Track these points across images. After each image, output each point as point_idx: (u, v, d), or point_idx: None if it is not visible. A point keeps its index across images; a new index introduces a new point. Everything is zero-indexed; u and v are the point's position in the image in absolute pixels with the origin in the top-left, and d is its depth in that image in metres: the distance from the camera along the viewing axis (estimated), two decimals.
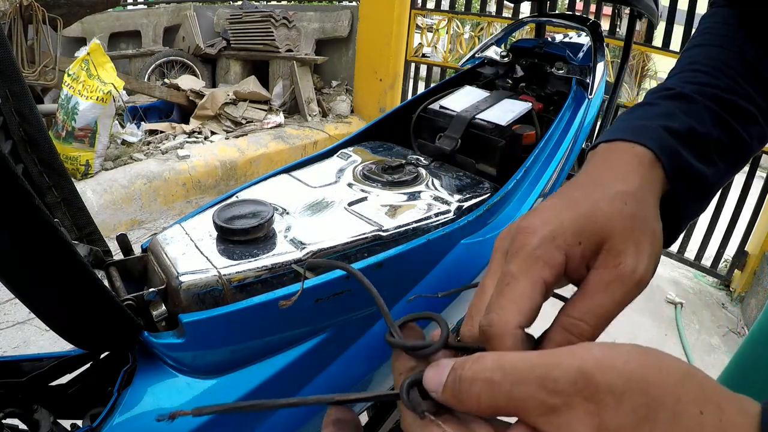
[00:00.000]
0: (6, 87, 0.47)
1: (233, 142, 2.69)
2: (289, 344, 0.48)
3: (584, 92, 0.88)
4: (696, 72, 0.40)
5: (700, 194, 0.37)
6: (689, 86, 0.39)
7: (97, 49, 2.12)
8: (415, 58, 3.14)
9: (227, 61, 3.57)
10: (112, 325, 0.41)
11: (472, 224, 0.62)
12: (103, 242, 0.56)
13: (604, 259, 0.29)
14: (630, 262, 0.29)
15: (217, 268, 0.47)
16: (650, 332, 1.89)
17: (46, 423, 0.44)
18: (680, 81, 0.40)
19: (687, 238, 2.39)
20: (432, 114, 0.88)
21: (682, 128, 0.35)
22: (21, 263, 0.34)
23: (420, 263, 0.58)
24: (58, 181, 0.52)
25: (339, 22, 3.57)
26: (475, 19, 3.25)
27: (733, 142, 0.38)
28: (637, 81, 2.81)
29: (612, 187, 0.31)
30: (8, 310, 1.56)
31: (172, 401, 0.43)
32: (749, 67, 0.40)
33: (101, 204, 2.02)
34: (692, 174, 0.35)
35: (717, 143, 0.37)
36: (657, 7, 0.88)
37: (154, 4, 4.41)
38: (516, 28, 1.10)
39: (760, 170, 2.27)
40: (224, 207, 0.54)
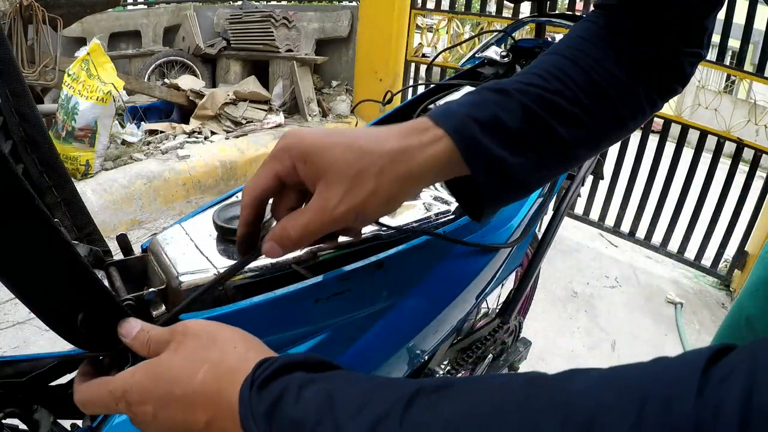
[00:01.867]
0: (6, 87, 0.47)
1: (233, 142, 2.69)
2: (288, 345, 0.48)
3: None
4: (532, 75, 0.43)
5: (503, 181, 0.40)
6: (516, 84, 0.41)
7: (97, 49, 2.12)
8: (415, 58, 3.14)
9: (227, 61, 3.57)
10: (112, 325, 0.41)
11: (472, 224, 0.62)
12: (103, 242, 0.56)
13: (320, 188, 0.35)
14: (333, 200, 0.35)
15: (217, 268, 0.47)
16: (650, 332, 1.89)
17: (46, 423, 0.44)
18: (512, 80, 0.42)
19: (687, 238, 2.39)
20: None
21: (486, 117, 0.38)
22: (21, 263, 0.34)
23: (420, 263, 0.58)
24: (58, 181, 0.52)
25: (339, 22, 3.57)
26: (475, 19, 3.25)
27: (545, 138, 0.41)
28: None
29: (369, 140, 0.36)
30: (8, 310, 1.57)
31: None
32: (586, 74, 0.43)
33: (101, 204, 2.02)
34: (491, 158, 0.38)
35: (522, 135, 0.40)
36: None
37: (154, 4, 4.42)
38: (516, 28, 1.10)
39: (760, 170, 2.27)
40: (224, 207, 0.54)
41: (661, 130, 2.37)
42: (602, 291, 2.15)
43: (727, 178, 2.22)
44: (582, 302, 2.03)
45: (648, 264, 2.47)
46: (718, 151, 2.21)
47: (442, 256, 0.60)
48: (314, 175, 0.35)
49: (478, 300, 0.71)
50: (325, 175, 0.35)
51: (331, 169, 0.35)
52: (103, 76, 2.09)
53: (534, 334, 1.71)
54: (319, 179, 0.35)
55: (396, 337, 0.57)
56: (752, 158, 2.17)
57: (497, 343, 1.04)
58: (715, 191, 2.25)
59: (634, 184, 2.50)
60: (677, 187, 2.36)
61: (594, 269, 2.33)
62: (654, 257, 2.53)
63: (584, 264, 2.37)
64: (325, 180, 0.35)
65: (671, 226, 2.42)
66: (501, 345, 1.08)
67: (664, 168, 2.39)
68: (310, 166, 0.35)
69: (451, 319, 0.66)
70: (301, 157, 0.35)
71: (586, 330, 1.85)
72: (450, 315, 0.64)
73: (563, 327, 1.85)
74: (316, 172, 0.35)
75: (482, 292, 0.71)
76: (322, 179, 0.35)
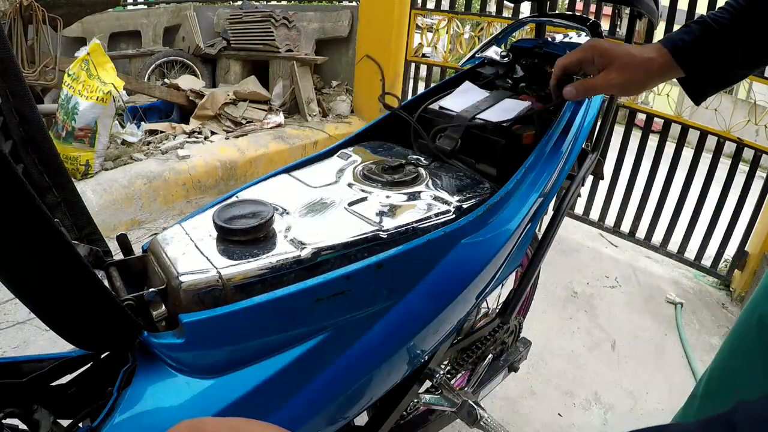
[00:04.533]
0: (6, 87, 0.47)
1: (233, 142, 2.69)
2: (289, 344, 0.48)
3: None
4: None
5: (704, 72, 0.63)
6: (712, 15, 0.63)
7: (97, 49, 2.12)
8: (415, 58, 3.14)
9: (227, 61, 3.57)
10: (112, 325, 0.41)
11: (472, 224, 0.62)
12: (103, 242, 0.56)
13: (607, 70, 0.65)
14: (612, 76, 0.64)
15: (217, 268, 0.47)
16: (650, 332, 1.89)
17: (46, 423, 0.44)
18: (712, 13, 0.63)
19: (687, 238, 2.39)
20: (432, 114, 0.88)
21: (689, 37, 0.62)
22: (21, 263, 0.34)
23: (420, 263, 0.58)
24: (58, 181, 0.52)
25: (339, 22, 3.57)
26: (475, 19, 3.25)
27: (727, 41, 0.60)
28: None
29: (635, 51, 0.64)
30: (8, 310, 1.56)
31: (172, 401, 0.43)
32: None
33: (101, 204, 2.02)
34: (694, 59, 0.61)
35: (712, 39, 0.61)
36: (657, 7, 0.88)
37: (154, 4, 4.42)
38: (516, 28, 1.10)
39: (760, 170, 2.27)
40: (224, 207, 0.54)
41: (661, 130, 2.37)
42: (602, 291, 2.15)
43: (727, 178, 2.22)
44: (582, 302, 2.03)
45: (648, 264, 2.47)
46: (718, 151, 2.21)
47: (442, 256, 0.60)
48: (604, 62, 0.64)
49: (478, 300, 0.71)
50: (610, 64, 0.63)
51: (615, 61, 0.63)
52: (103, 76, 2.09)
53: (534, 334, 1.71)
54: (606, 66, 0.64)
55: (396, 337, 0.57)
56: (752, 158, 2.17)
57: (497, 343, 1.04)
58: (715, 191, 2.25)
59: (634, 184, 2.50)
60: (677, 187, 2.36)
61: (594, 269, 2.33)
62: (654, 257, 2.53)
63: (584, 264, 2.36)
64: (609, 67, 0.64)
65: (671, 226, 2.42)
66: (501, 345, 1.08)
67: (664, 168, 2.39)
68: (605, 57, 0.64)
69: (451, 319, 0.66)
70: (599, 52, 0.64)
71: (586, 330, 1.85)
72: (450, 315, 0.64)
73: (563, 327, 1.84)
74: (607, 61, 0.64)
75: (482, 292, 0.71)
76: (608, 66, 0.64)
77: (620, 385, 1.58)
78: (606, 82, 0.64)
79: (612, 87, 0.65)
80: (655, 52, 0.63)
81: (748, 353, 0.67)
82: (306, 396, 0.50)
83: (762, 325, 0.65)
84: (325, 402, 0.52)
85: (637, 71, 0.63)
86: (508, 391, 1.46)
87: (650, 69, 0.63)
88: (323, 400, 0.52)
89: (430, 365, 0.77)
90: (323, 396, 0.52)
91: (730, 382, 0.71)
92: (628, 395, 1.54)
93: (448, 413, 0.93)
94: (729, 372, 0.71)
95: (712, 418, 0.23)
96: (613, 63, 0.63)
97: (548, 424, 1.38)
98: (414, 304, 0.57)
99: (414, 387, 0.76)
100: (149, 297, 0.47)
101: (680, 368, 1.71)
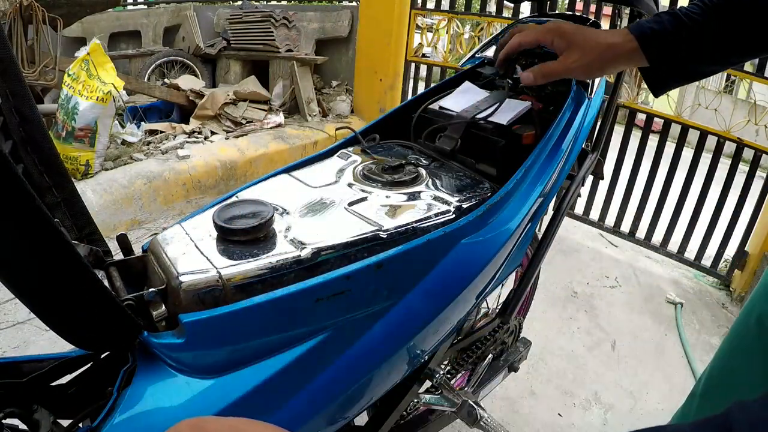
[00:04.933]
0: (6, 87, 0.47)
1: (233, 142, 2.69)
2: (289, 344, 0.48)
3: (584, 92, 0.88)
4: None
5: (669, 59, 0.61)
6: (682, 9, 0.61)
7: (97, 49, 2.12)
8: (415, 58, 3.14)
9: (227, 61, 3.57)
10: (112, 325, 0.41)
11: (472, 224, 0.62)
12: (103, 242, 0.56)
13: (567, 53, 0.63)
14: (571, 59, 0.63)
15: (217, 268, 0.47)
16: (650, 332, 1.89)
17: (46, 423, 0.44)
18: None
19: (687, 238, 2.39)
20: (432, 114, 0.88)
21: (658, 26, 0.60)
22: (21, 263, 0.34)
23: (420, 263, 0.58)
24: (58, 181, 0.52)
25: (339, 22, 3.57)
26: (475, 19, 3.25)
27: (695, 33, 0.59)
28: (637, 81, 2.81)
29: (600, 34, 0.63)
30: (8, 310, 1.56)
31: (172, 401, 0.43)
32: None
33: (101, 204, 2.02)
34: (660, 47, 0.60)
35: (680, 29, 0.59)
36: (657, 7, 0.88)
37: (154, 4, 4.42)
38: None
39: (760, 170, 2.27)
40: (224, 207, 0.54)
41: (661, 130, 2.37)
42: (602, 291, 2.15)
43: (727, 178, 2.22)
44: (582, 302, 2.03)
45: (648, 264, 2.47)
46: (718, 151, 2.21)
47: (441, 256, 0.60)
48: (564, 45, 0.63)
49: (478, 300, 0.71)
50: (570, 46, 0.62)
51: (575, 44, 0.62)
52: (103, 76, 2.09)
53: (534, 334, 1.71)
54: (566, 48, 0.62)
55: (396, 337, 0.57)
56: (752, 158, 2.17)
57: (497, 343, 1.04)
58: (715, 191, 2.25)
59: (634, 184, 2.50)
60: (677, 187, 2.36)
61: (594, 269, 2.33)
62: (654, 257, 2.53)
63: (584, 264, 2.36)
64: (569, 49, 0.62)
65: (671, 226, 2.42)
66: (501, 345, 1.08)
67: (664, 168, 2.39)
68: (564, 39, 0.63)
69: (451, 319, 0.66)
70: (559, 34, 0.63)
71: (586, 330, 1.85)
72: (450, 315, 0.64)
73: (563, 327, 1.84)
74: (567, 44, 0.62)
75: (482, 292, 0.71)
76: (568, 48, 0.62)
77: (620, 385, 1.58)
78: (565, 66, 0.63)
79: (571, 71, 0.63)
80: (621, 37, 0.61)
81: (747, 352, 0.67)
82: (306, 396, 0.50)
83: (761, 324, 0.65)
84: (325, 402, 0.52)
85: (600, 56, 0.61)
86: (508, 391, 1.46)
87: (615, 54, 0.61)
88: (323, 400, 0.52)
89: (430, 365, 0.77)
90: (323, 396, 0.52)
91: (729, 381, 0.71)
92: (628, 395, 1.54)
93: (448, 413, 0.93)
94: (728, 371, 0.72)
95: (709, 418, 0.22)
96: (572, 46, 0.62)
97: (548, 424, 1.38)
98: (414, 304, 0.57)
99: (414, 387, 0.76)
100: (149, 297, 0.47)
101: (680, 368, 1.71)
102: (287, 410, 0.48)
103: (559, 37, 0.63)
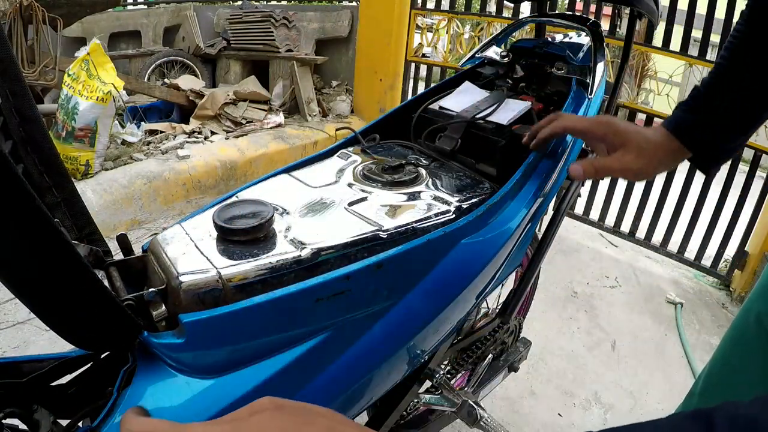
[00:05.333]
0: (6, 87, 0.47)
1: (233, 142, 2.69)
2: (289, 344, 0.48)
3: (584, 92, 0.88)
4: None
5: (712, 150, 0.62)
6: None
7: (97, 49, 2.12)
8: (415, 58, 3.14)
9: (227, 61, 3.57)
10: (112, 325, 0.41)
11: (472, 224, 0.62)
12: (103, 242, 0.56)
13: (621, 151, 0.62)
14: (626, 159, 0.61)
15: (217, 268, 0.47)
16: (650, 332, 1.89)
17: (46, 423, 0.44)
18: None
19: (687, 238, 2.39)
20: (432, 114, 0.88)
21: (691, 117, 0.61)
22: (21, 263, 0.34)
23: (420, 263, 0.58)
24: (58, 181, 0.52)
25: (339, 22, 3.57)
26: (475, 19, 3.25)
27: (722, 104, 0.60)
28: (637, 81, 2.81)
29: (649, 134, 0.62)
30: (8, 310, 1.56)
31: (172, 401, 0.43)
32: None
33: (101, 204, 2.02)
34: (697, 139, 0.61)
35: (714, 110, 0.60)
36: (657, 7, 0.88)
37: (154, 4, 4.42)
38: (516, 28, 1.10)
39: (760, 170, 2.27)
40: (224, 207, 0.54)
41: None
42: (602, 291, 2.15)
43: (727, 178, 2.22)
44: (582, 302, 2.03)
45: (648, 264, 2.47)
46: None
47: (441, 256, 0.60)
48: (619, 142, 0.61)
49: (478, 300, 0.71)
50: (625, 145, 0.61)
51: (630, 144, 0.61)
52: (103, 76, 2.09)
53: (534, 334, 1.71)
54: (621, 146, 0.61)
55: (396, 337, 0.57)
56: (752, 158, 2.17)
57: (497, 343, 1.04)
58: (715, 191, 2.25)
59: (633, 184, 2.50)
60: (677, 187, 2.36)
61: (594, 269, 2.33)
62: (654, 257, 2.53)
63: (584, 264, 2.36)
64: (625, 148, 0.61)
65: (671, 226, 2.42)
66: (501, 345, 1.08)
67: None
68: (620, 137, 0.61)
69: (451, 319, 0.66)
70: (614, 131, 0.62)
71: (586, 330, 1.85)
72: (450, 315, 0.64)
73: (563, 327, 1.84)
74: (622, 142, 0.61)
75: (482, 292, 0.71)
76: (623, 147, 0.61)
77: (620, 385, 1.58)
78: (622, 165, 0.61)
79: (627, 171, 0.62)
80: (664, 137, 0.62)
81: (746, 351, 0.67)
82: (306, 396, 0.50)
83: (759, 323, 0.65)
84: (325, 402, 0.52)
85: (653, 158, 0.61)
86: (508, 391, 1.46)
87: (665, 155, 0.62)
88: (323, 400, 0.52)
89: (430, 365, 0.77)
90: (323, 396, 0.52)
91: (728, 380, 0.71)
92: (628, 395, 1.54)
93: (448, 413, 0.93)
94: (727, 370, 0.71)
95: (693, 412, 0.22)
96: (628, 145, 0.61)
97: (548, 424, 1.38)
98: (414, 304, 0.57)
99: (414, 387, 0.76)
100: (149, 297, 0.47)
101: (680, 368, 1.71)
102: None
103: (614, 134, 0.62)
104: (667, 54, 2.28)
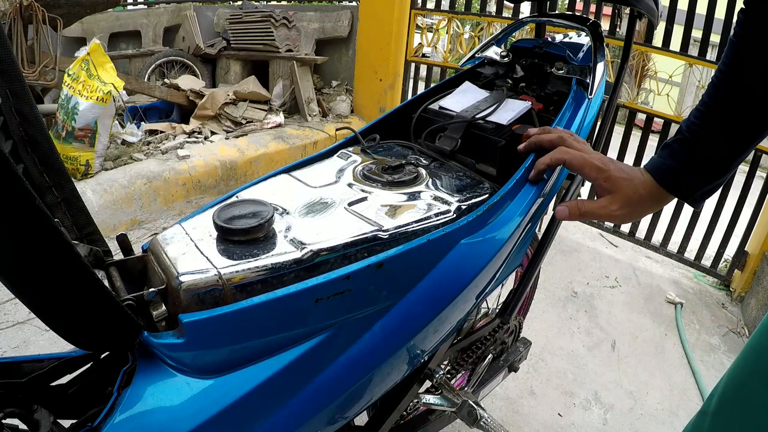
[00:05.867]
0: (6, 86, 0.47)
1: (233, 142, 2.69)
2: (289, 344, 0.48)
3: (584, 92, 0.88)
4: None
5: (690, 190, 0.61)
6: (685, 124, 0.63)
7: (97, 49, 2.12)
8: (415, 58, 3.14)
9: (227, 61, 3.57)
10: (112, 325, 0.41)
11: (472, 224, 0.62)
12: (103, 242, 0.56)
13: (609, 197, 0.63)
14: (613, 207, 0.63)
15: (217, 268, 0.47)
16: (650, 332, 1.89)
17: (46, 423, 0.44)
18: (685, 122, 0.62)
19: (687, 238, 2.39)
20: (432, 114, 0.88)
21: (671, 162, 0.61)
22: (21, 263, 0.34)
23: (420, 263, 0.58)
24: (58, 181, 0.52)
25: (339, 22, 3.57)
26: (475, 19, 3.25)
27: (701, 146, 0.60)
28: (637, 81, 2.81)
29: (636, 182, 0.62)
30: (8, 310, 1.57)
31: (172, 401, 0.43)
32: None
33: (101, 204, 2.02)
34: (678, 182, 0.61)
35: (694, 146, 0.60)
36: (657, 7, 0.88)
37: (154, 4, 4.42)
38: (516, 28, 1.10)
39: (760, 170, 2.27)
40: (224, 207, 0.54)
41: (661, 130, 2.37)
42: (602, 291, 2.15)
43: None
44: (582, 302, 2.03)
45: (648, 264, 2.47)
46: None
47: (442, 256, 0.60)
48: (608, 189, 0.63)
49: (478, 300, 0.71)
50: (614, 192, 0.62)
51: (620, 192, 0.62)
52: (103, 76, 2.09)
53: (534, 334, 1.71)
54: (610, 193, 0.63)
55: (396, 337, 0.57)
56: (752, 158, 2.17)
57: (497, 343, 1.04)
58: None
59: None
60: None
61: (594, 269, 2.33)
62: (654, 257, 2.53)
63: (584, 264, 2.37)
64: (614, 196, 0.62)
65: (671, 226, 2.42)
66: (501, 345, 1.08)
67: None
68: (610, 183, 0.62)
69: (451, 319, 0.66)
70: (607, 177, 0.62)
71: (586, 330, 1.85)
72: (450, 315, 0.64)
73: (563, 327, 1.84)
74: (609, 188, 0.62)
75: (482, 292, 0.71)
76: (612, 195, 0.62)
77: (620, 385, 1.58)
78: (608, 213, 0.63)
79: (611, 218, 0.64)
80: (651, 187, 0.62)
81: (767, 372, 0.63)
82: (306, 396, 0.50)
83: None
84: (325, 402, 0.52)
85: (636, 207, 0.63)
86: (508, 391, 1.46)
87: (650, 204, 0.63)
88: (323, 400, 0.52)
89: (430, 365, 0.77)
90: (323, 396, 0.52)
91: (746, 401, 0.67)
92: (628, 395, 1.54)
93: (448, 413, 0.93)
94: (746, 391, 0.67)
95: None
96: (617, 193, 0.62)
97: (548, 424, 1.38)
98: (414, 304, 0.57)
99: (414, 387, 0.76)
100: (149, 297, 0.47)
101: (680, 368, 1.71)
102: (287, 410, 0.48)
103: (605, 179, 0.63)
104: (667, 54, 2.28)
